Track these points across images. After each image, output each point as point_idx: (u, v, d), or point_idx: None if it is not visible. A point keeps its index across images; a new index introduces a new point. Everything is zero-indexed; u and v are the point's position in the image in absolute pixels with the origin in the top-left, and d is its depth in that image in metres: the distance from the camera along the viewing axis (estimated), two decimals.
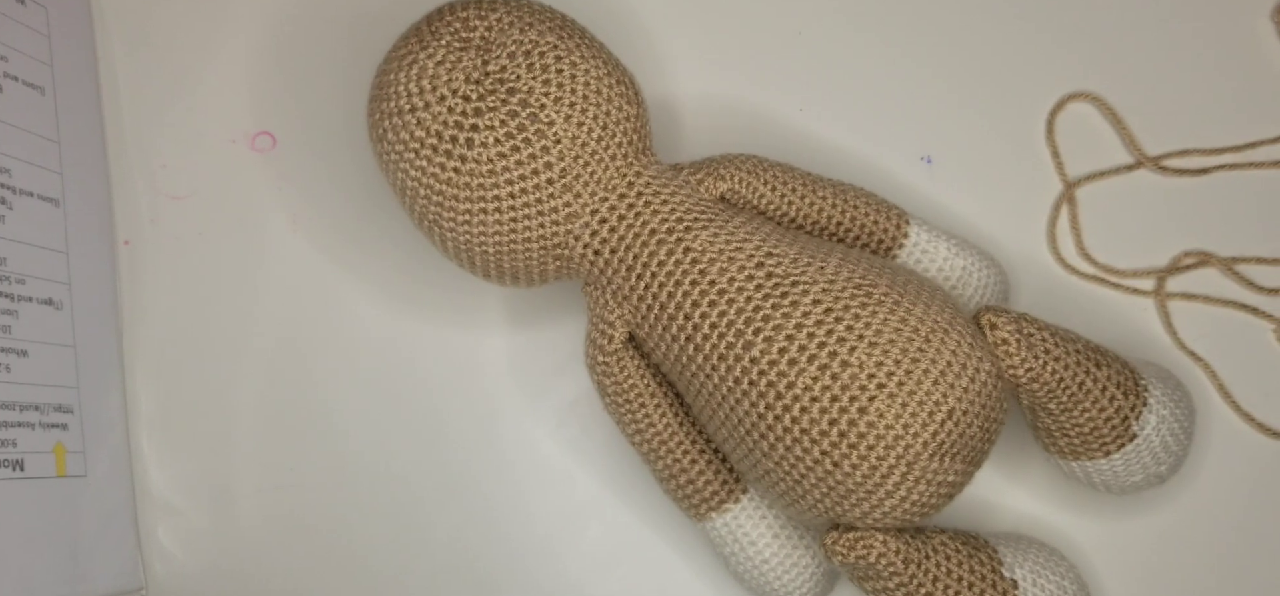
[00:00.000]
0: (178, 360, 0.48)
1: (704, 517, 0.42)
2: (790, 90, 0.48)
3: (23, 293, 0.43)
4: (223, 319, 0.48)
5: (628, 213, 0.40)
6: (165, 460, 0.48)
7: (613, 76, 0.40)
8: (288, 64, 0.49)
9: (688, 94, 0.48)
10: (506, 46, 0.39)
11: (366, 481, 0.47)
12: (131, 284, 0.48)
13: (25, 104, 0.45)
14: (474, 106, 0.39)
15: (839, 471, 0.37)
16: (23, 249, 0.44)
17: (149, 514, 0.47)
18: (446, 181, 0.39)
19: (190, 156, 0.49)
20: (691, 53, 0.48)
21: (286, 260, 0.48)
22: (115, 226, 0.49)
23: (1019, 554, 0.41)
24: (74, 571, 0.44)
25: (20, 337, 0.43)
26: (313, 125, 0.49)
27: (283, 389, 0.48)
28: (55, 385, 0.44)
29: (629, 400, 0.42)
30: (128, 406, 0.48)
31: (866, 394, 0.37)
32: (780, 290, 0.38)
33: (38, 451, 0.43)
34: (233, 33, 0.49)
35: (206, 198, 0.49)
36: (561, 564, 0.47)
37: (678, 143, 0.48)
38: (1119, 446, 0.40)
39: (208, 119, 0.49)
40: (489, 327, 0.47)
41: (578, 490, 0.47)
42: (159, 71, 0.49)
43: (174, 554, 0.47)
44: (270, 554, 0.47)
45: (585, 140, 0.39)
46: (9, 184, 0.44)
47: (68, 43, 0.48)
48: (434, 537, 0.47)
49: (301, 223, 0.48)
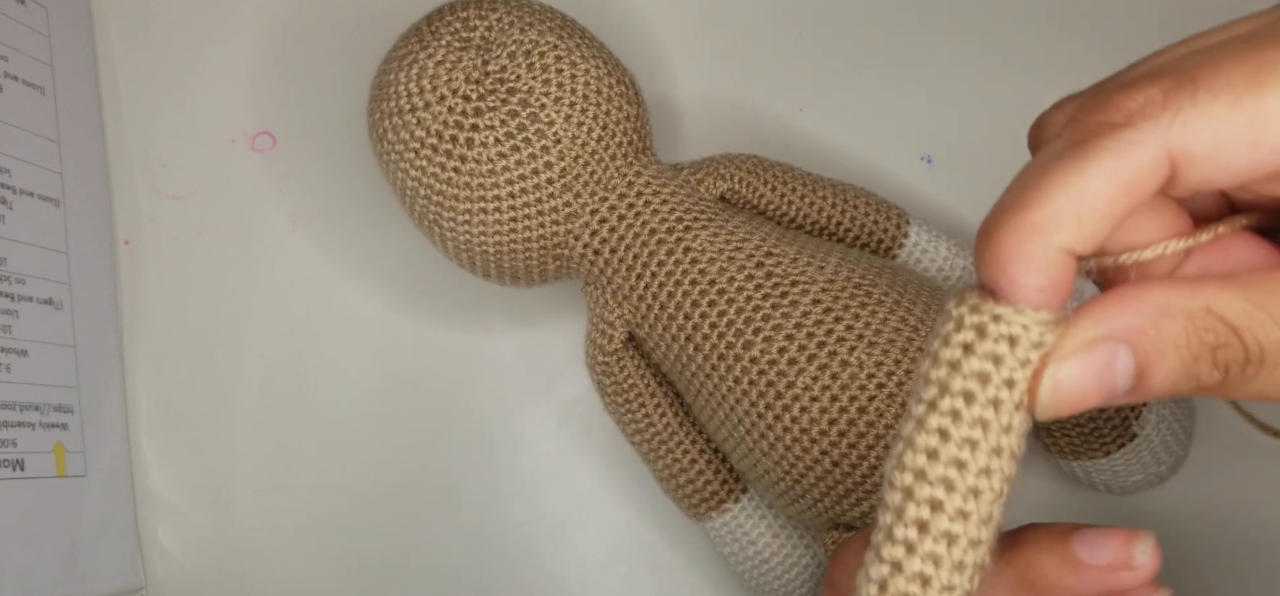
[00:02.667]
0: (178, 360, 0.48)
1: (704, 517, 0.42)
2: (790, 90, 0.48)
3: (23, 292, 0.43)
4: (223, 318, 0.48)
5: (628, 212, 0.40)
6: (165, 460, 0.48)
7: (613, 76, 0.40)
8: (288, 64, 0.49)
9: (688, 94, 0.48)
10: (507, 46, 0.39)
11: (366, 481, 0.47)
12: (131, 284, 0.48)
13: (25, 104, 0.45)
14: (474, 106, 0.39)
15: (838, 471, 0.37)
16: (23, 249, 0.44)
17: (149, 513, 0.47)
18: (446, 181, 0.39)
19: (190, 156, 0.49)
20: (691, 53, 0.48)
21: (287, 260, 0.48)
22: (115, 226, 0.49)
23: None
24: (74, 571, 0.44)
25: (20, 337, 0.43)
26: (313, 125, 0.49)
27: (283, 388, 0.48)
28: (55, 385, 0.44)
29: (629, 400, 0.42)
30: (128, 406, 0.48)
31: (866, 393, 0.37)
32: (780, 290, 0.38)
33: (38, 451, 0.43)
34: (233, 32, 0.49)
35: (207, 197, 0.49)
36: (562, 564, 0.47)
37: (678, 143, 0.48)
38: (1119, 446, 0.40)
39: (208, 119, 0.49)
40: (489, 327, 0.47)
41: (577, 490, 0.47)
42: (159, 71, 0.49)
43: (174, 553, 0.47)
44: (270, 553, 0.47)
45: (585, 140, 0.39)
46: (9, 184, 0.44)
47: (68, 43, 0.48)
48: (434, 537, 0.47)
49: (302, 222, 0.48)
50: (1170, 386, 0.23)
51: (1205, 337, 0.22)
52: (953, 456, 0.23)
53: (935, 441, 0.23)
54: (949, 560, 0.23)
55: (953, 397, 0.23)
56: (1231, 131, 0.22)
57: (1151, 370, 0.23)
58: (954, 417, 0.23)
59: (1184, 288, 0.23)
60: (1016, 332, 0.23)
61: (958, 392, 0.23)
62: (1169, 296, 0.23)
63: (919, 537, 0.23)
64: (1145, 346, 0.22)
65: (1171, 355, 0.23)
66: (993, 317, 0.23)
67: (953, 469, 0.23)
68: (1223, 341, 0.22)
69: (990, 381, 0.23)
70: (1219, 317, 0.22)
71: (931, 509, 0.23)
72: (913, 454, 0.23)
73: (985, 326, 0.23)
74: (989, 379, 0.23)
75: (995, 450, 0.23)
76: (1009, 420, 0.23)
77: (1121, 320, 0.23)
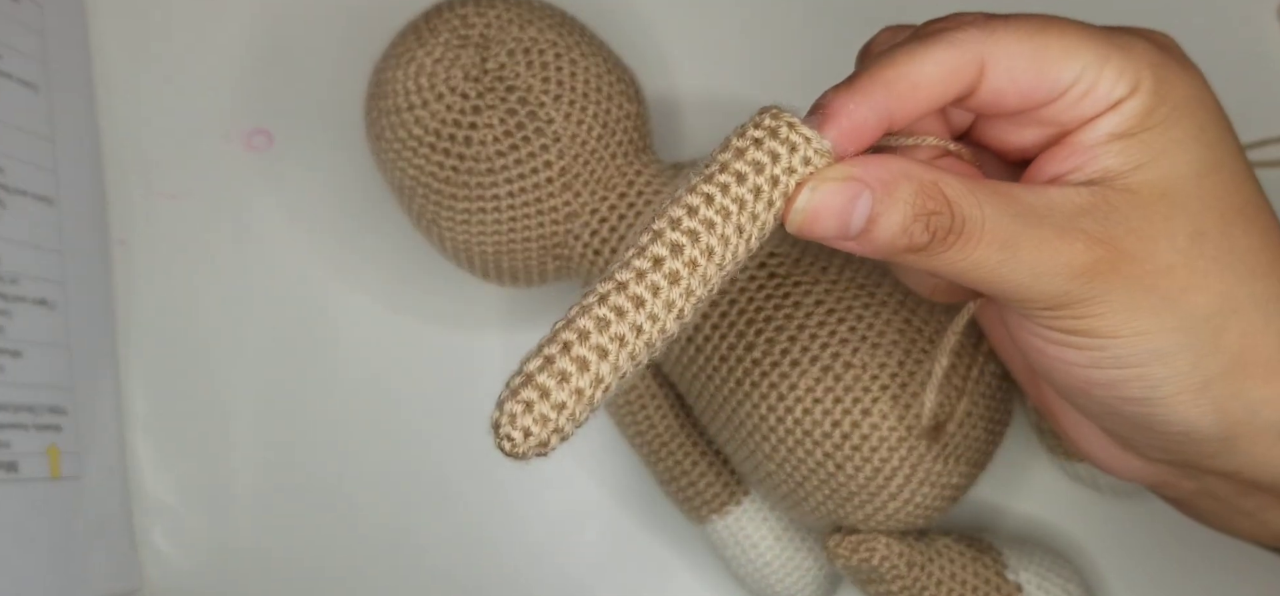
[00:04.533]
0: (173, 360, 0.48)
1: (705, 520, 0.42)
2: (790, 90, 0.48)
3: (16, 293, 0.43)
4: (218, 318, 0.48)
5: (628, 212, 0.40)
6: (160, 461, 0.47)
7: (613, 74, 0.40)
8: (284, 61, 0.49)
9: (688, 93, 0.48)
10: (505, 44, 0.39)
11: (363, 482, 0.47)
12: (126, 283, 0.48)
13: (19, 102, 0.45)
14: (472, 104, 0.38)
15: (841, 474, 0.37)
16: (16, 248, 0.43)
17: (144, 515, 0.47)
18: (445, 180, 0.39)
19: (186, 155, 0.49)
20: (692, 51, 0.48)
21: (283, 259, 0.48)
22: (109, 225, 0.48)
23: (1023, 557, 0.41)
24: (68, 573, 0.44)
25: (14, 338, 0.43)
26: (309, 123, 0.49)
27: (279, 388, 0.48)
28: (49, 386, 0.44)
29: (629, 401, 0.41)
30: (122, 407, 0.48)
31: (869, 395, 0.37)
32: (782, 290, 0.38)
33: (31, 453, 0.43)
34: (228, 30, 0.49)
35: (202, 196, 0.49)
36: (561, 566, 0.46)
37: (678, 142, 0.47)
38: None
39: (203, 117, 0.49)
40: (488, 328, 0.47)
41: (578, 491, 0.46)
42: (154, 69, 0.49)
43: (169, 555, 0.47)
44: (266, 555, 0.47)
45: (585, 138, 0.39)
46: (2, 183, 0.43)
47: (62, 40, 0.47)
48: (432, 539, 0.47)
49: (298, 221, 0.48)
50: (889, 239, 0.29)
51: (927, 203, 0.28)
52: (706, 217, 0.27)
53: (699, 201, 0.28)
54: (664, 296, 0.27)
55: (726, 174, 0.28)
56: (1025, 53, 0.29)
57: (881, 218, 0.28)
58: (723, 189, 0.28)
59: (924, 163, 0.29)
60: (798, 142, 0.28)
61: (732, 171, 0.28)
62: (911, 166, 0.29)
63: (650, 269, 0.27)
64: (882, 196, 0.28)
65: (898, 210, 0.28)
66: (787, 124, 0.28)
67: (702, 226, 0.27)
68: (938, 209, 0.28)
69: (762, 172, 0.28)
70: (941, 191, 0.29)
71: (671, 251, 0.27)
72: (675, 207, 0.28)
73: (778, 130, 0.28)
74: (762, 169, 0.28)
75: (739, 229, 0.28)
76: (761, 212, 0.28)
77: (872, 171, 0.28)
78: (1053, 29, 0.30)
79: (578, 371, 0.27)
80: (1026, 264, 0.29)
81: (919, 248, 0.29)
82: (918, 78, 0.29)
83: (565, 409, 0.27)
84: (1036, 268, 0.29)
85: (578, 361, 0.27)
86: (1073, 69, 0.29)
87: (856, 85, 0.29)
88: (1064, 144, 0.30)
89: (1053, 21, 0.30)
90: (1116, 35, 0.30)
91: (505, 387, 0.27)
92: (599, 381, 0.27)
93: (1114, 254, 0.29)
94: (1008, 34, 0.29)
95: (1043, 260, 0.29)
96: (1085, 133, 0.30)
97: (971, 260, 0.29)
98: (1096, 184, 0.30)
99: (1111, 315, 0.29)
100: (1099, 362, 0.30)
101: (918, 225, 0.28)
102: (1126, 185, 0.30)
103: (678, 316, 0.27)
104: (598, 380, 0.27)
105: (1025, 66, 0.29)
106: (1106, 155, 0.30)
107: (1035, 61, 0.29)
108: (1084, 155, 0.30)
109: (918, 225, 0.28)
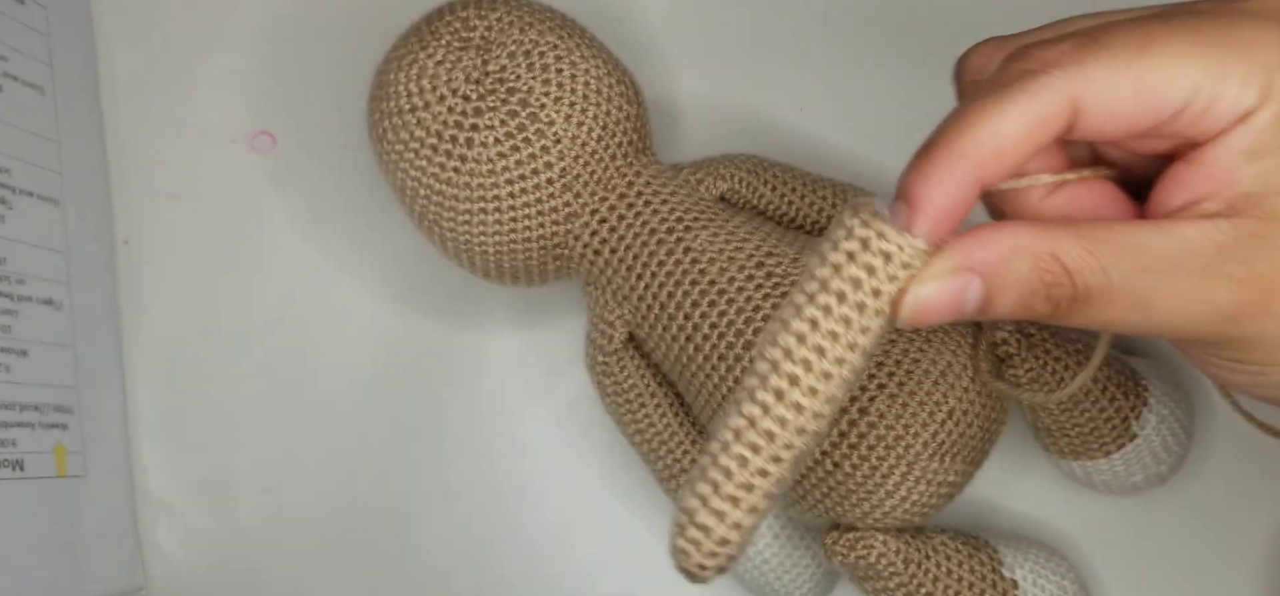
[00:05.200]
0: (177, 360, 0.48)
1: None
2: (790, 90, 0.48)
3: (22, 292, 0.43)
4: (222, 319, 0.48)
5: (628, 212, 0.40)
6: (165, 460, 0.48)
7: (613, 76, 0.40)
8: (287, 64, 0.49)
9: (688, 94, 0.48)
10: (506, 46, 0.39)
11: (365, 481, 0.47)
12: (131, 283, 0.48)
13: (24, 103, 0.45)
14: (474, 106, 0.39)
15: (839, 472, 0.37)
16: (22, 249, 0.44)
17: (148, 514, 0.47)
18: (446, 181, 0.39)
19: (190, 156, 0.49)
20: (692, 53, 0.48)
21: (286, 259, 0.48)
22: (115, 226, 0.49)
23: (1019, 554, 0.41)
24: (73, 571, 0.44)
25: (20, 337, 0.43)
26: (312, 125, 0.49)
27: (282, 388, 0.48)
28: (55, 385, 0.44)
29: (629, 400, 0.42)
30: (127, 406, 0.48)
31: (867, 394, 0.37)
32: (780, 290, 0.38)
33: (37, 451, 0.43)
34: (232, 32, 0.49)
35: (206, 197, 0.49)
36: (561, 564, 0.47)
37: (678, 143, 0.47)
38: (1119, 446, 0.40)
39: (207, 119, 0.49)
40: (489, 327, 0.47)
41: (578, 490, 0.47)
42: (159, 71, 0.49)
43: (173, 554, 0.47)
44: (269, 554, 0.47)
45: (585, 140, 0.39)
46: (8, 183, 0.44)
47: (67, 42, 0.48)
48: (433, 538, 0.47)
49: (301, 222, 0.48)
50: (1007, 314, 0.27)
51: (1044, 276, 0.27)
52: (816, 343, 0.27)
53: (806, 328, 0.28)
54: (793, 424, 0.28)
55: (828, 294, 0.28)
56: (1122, 85, 0.26)
57: (995, 299, 0.27)
58: (825, 311, 0.28)
59: (1036, 230, 0.27)
60: (892, 251, 0.27)
61: (833, 291, 0.28)
62: (1023, 237, 0.27)
63: (774, 402, 0.28)
64: (993, 280, 0.27)
65: (1013, 289, 0.27)
66: (877, 234, 0.27)
67: (814, 353, 0.27)
68: (1057, 281, 0.27)
69: (861, 287, 0.27)
70: (1058, 261, 0.27)
71: (789, 382, 0.27)
72: (786, 334, 0.28)
73: (869, 240, 0.28)
74: (861, 285, 0.27)
75: (851, 345, 0.28)
76: (868, 323, 0.28)
77: (978, 256, 0.27)
78: (1155, 45, 0.26)
79: (731, 507, 0.28)
80: (1163, 319, 0.27)
81: (1042, 316, 0.27)
82: (1000, 140, 0.26)
83: (728, 543, 0.29)
84: (1176, 320, 0.27)
85: (728, 498, 0.28)
86: (1182, 90, 0.26)
87: (934, 162, 0.27)
88: (1191, 162, 0.27)
89: (1155, 32, 0.26)
90: (1235, 30, 0.26)
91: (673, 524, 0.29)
92: (754, 510, 0.28)
93: (1264, 294, 0.26)
94: (1099, 67, 0.26)
95: (1182, 312, 0.27)
96: (1215, 150, 0.27)
97: (1101, 321, 0.27)
98: (1237, 216, 0.26)
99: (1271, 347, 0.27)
100: (1262, 385, 0.29)
101: (1036, 299, 0.27)
102: (1271, 212, 0.26)
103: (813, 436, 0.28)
104: (753, 509, 0.28)
105: (1124, 98, 0.26)
106: (1244, 178, 0.26)
107: (1136, 91, 0.26)
108: (1217, 180, 0.27)
109: (1036, 299, 0.27)
